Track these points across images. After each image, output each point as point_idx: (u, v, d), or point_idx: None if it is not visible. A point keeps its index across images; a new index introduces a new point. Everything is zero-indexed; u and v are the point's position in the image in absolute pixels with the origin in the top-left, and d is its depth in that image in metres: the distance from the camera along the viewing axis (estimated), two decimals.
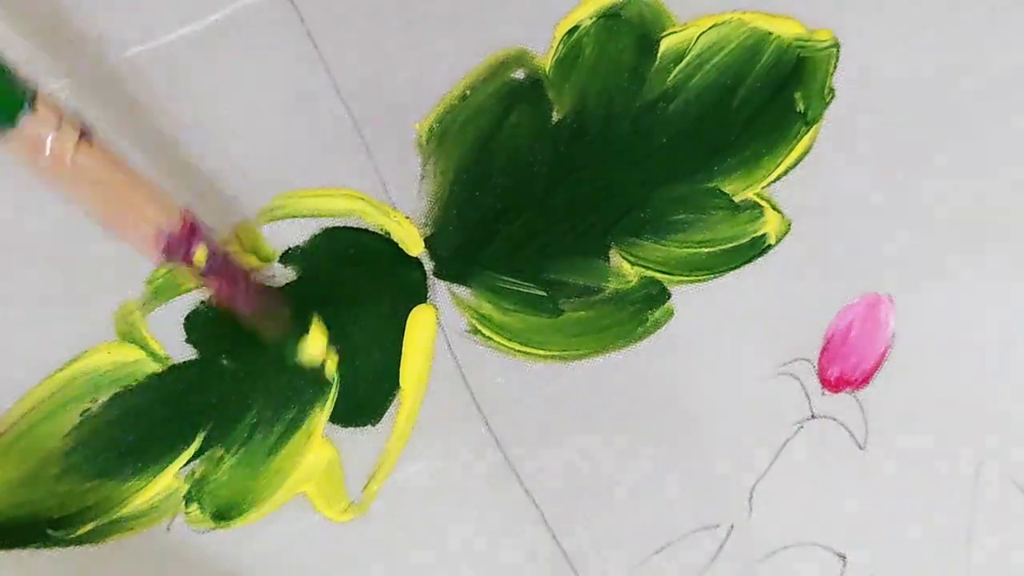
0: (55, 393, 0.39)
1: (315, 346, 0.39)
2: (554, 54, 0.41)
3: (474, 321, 0.41)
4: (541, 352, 0.41)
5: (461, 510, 0.41)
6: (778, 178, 0.42)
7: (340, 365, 0.40)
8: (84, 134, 0.30)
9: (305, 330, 0.38)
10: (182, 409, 0.39)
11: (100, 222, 0.32)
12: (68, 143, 0.30)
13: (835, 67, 0.42)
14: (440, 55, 0.41)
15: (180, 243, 0.33)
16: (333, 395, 0.40)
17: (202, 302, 0.40)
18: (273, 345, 0.38)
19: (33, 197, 0.39)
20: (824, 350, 0.42)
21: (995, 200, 0.43)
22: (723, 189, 0.42)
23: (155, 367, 0.39)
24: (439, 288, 0.41)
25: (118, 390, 0.39)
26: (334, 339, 0.40)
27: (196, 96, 0.40)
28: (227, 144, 0.40)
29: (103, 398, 0.39)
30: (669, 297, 0.41)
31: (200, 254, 0.33)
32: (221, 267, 0.34)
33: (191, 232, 0.33)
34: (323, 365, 0.39)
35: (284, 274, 0.40)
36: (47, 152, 0.30)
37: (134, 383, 0.39)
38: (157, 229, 0.32)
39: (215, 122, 0.40)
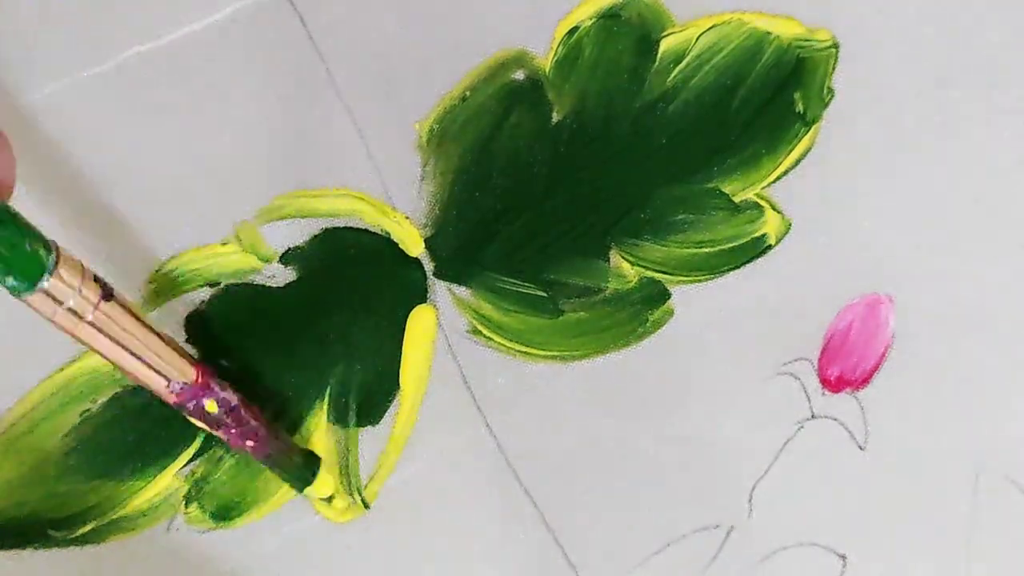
0: (55, 393, 0.39)
1: (324, 488, 0.39)
2: (554, 55, 0.41)
3: (474, 321, 0.41)
4: (541, 352, 0.41)
5: (461, 510, 0.41)
6: (778, 178, 0.42)
7: (340, 365, 0.40)
8: (105, 294, 0.31)
9: (312, 474, 0.39)
10: None
11: (117, 368, 0.33)
12: (88, 304, 0.31)
13: (835, 67, 0.42)
14: (440, 55, 0.41)
15: (191, 396, 0.34)
16: (333, 396, 0.40)
17: (202, 302, 0.40)
18: (299, 488, 0.39)
19: (33, 197, 0.39)
20: (824, 350, 0.42)
21: (995, 200, 0.43)
22: (723, 189, 0.42)
23: None
24: (439, 288, 0.41)
25: (118, 390, 0.39)
26: (334, 339, 0.40)
27: (196, 96, 0.40)
28: (227, 144, 0.40)
29: (103, 398, 0.39)
30: (669, 297, 0.41)
31: (211, 407, 0.35)
32: (232, 420, 0.35)
33: (203, 387, 0.34)
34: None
35: (284, 274, 0.40)
36: (67, 311, 0.31)
37: (134, 383, 0.39)
38: (170, 381, 0.34)
39: (215, 122, 0.40)
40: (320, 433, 0.40)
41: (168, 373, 0.34)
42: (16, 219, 0.29)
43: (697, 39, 0.42)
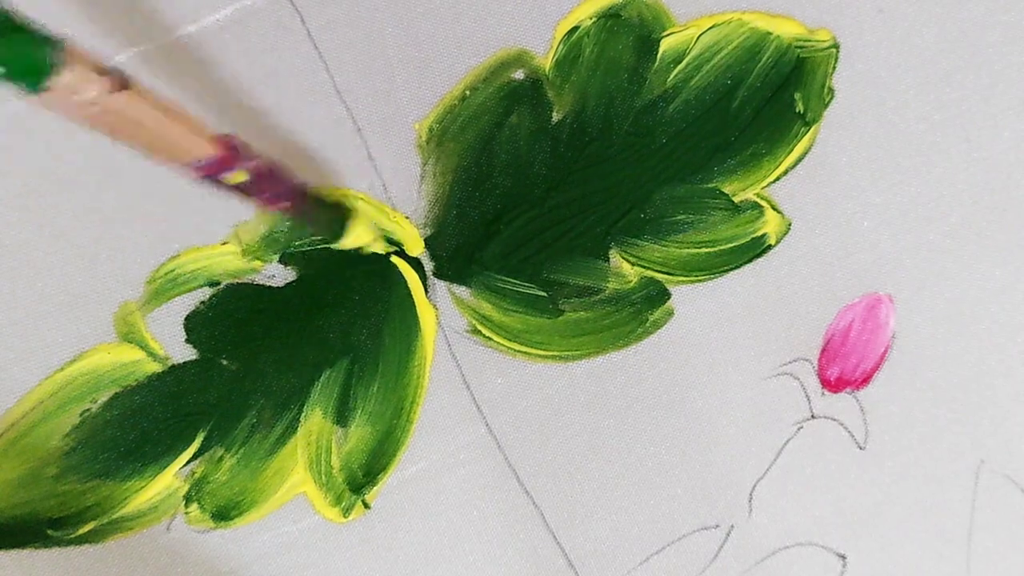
0: (55, 393, 0.39)
1: (362, 237, 0.39)
2: (554, 54, 0.41)
3: (474, 321, 0.41)
4: (541, 352, 0.41)
5: (461, 510, 0.41)
6: (778, 178, 0.42)
7: (340, 365, 0.40)
8: (119, 83, 0.30)
9: (346, 227, 0.39)
10: (182, 409, 0.39)
11: (139, 153, 0.33)
12: (102, 94, 0.30)
13: (835, 67, 0.42)
14: (440, 55, 0.41)
15: (214, 170, 0.33)
16: (333, 396, 0.40)
17: (202, 302, 0.40)
18: (332, 241, 0.39)
19: (33, 198, 0.39)
20: (824, 350, 0.42)
21: (995, 200, 0.43)
22: (723, 189, 0.42)
23: (155, 367, 0.39)
24: (439, 288, 0.41)
25: (118, 390, 0.39)
26: (334, 339, 0.40)
27: (196, 96, 0.40)
28: None
29: (103, 398, 0.39)
30: (669, 297, 0.41)
31: (239, 177, 0.34)
32: (264, 186, 0.35)
33: (229, 158, 0.33)
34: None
35: (284, 274, 0.40)
36: (81, 105, 0.30)
37: (134, 383, 0.39)
38: (194, 159, 0.33)
39: (215, 122, 0.40)
40: (319, 431, 0.40)
41: (192, 151, 0.32)
42: (12, 16, 0.29)
43: (697, 39, 0.42)
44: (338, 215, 0.39)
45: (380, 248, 0.40)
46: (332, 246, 0.39)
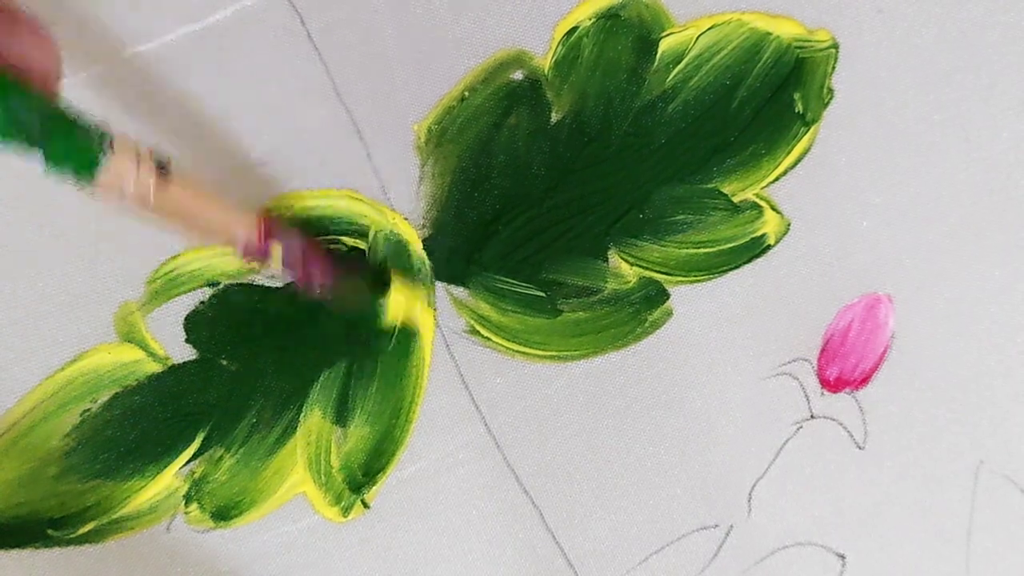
0: (55, 393, 0.39)
1: (397, 306, 0.40)
2: (553, 55, 0.41)
3: (473, 322, 0.41)
4: (540, 352, 0.41)
5: (460, 510, 0.41)
6: (778, 178, 0.42)
7: (340, 365, 0.40)
8: (162, 168, 0.32)
9: (380, 295, 0.40)
10: (182, 409, 0.39)
11: (184, 238, 0.35)
12: (148, 181, 0.32)
13: (834, 67, 0.42)
14: (439, 56, 0.41)
15: (257, 247, 0.36)
16: (332, 396, 0.40)
17: (202, 302, 0.40)
18: (361, 313, 0.40)
19: (34, 198, 0.39)
20: (823, 350, 0.42)
21: (994, 200, 0.42)
22: (722, 189, 0.42)
23: (155, 367, 0.39)
24: (437, 289, 0.41)
25: (118, 390, 0.39)
26: (334, 339, 0.40)
27: (196, 96, 0.40)
28: (227, 144, 0.40)
29: (103, 398, 0.39)
30: (668, 298, 0.41)
31: (275, 251, 0.36)
32: (298, 258, 0.37)
33: (266, 235, 0.36)
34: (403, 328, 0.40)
35: (284, 274, 0.40)
36: (129, 192, 0.31)
37: (134, 383, 0.39)
38: (236, 238, 0.35)
39: (215, 122, 0.40)
40: (319, 431, 0.40)
41: (233, 230, 0.35)
42: (66, 112, 0.30)
43: (697, 39, 0.42)
44: (375, 290, 0.40)
45: (426, 319, 0.40)
46: (375, 320, 0.40)
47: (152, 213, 0.32)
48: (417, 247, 0.40)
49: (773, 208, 0.42)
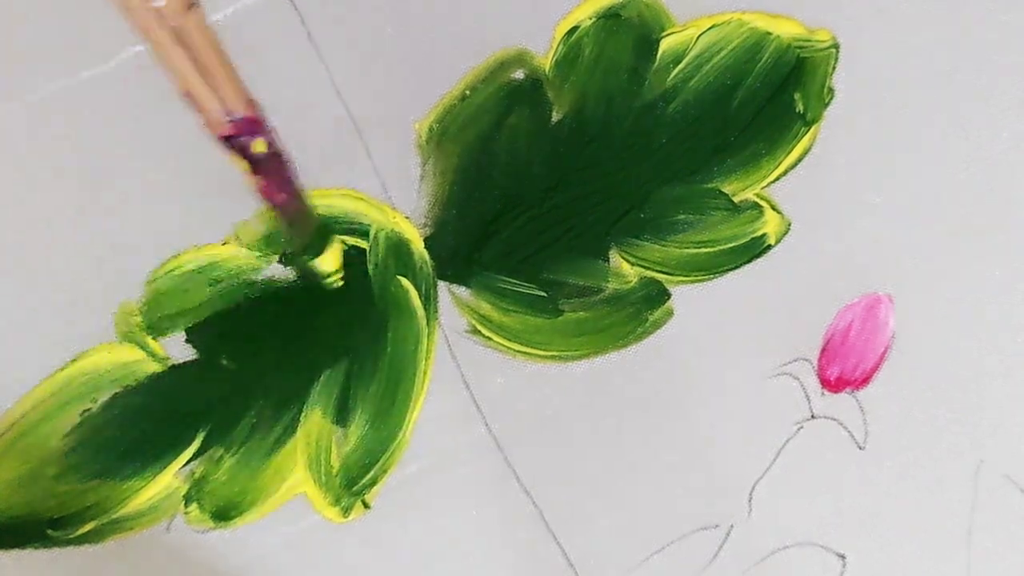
0: (55, 393, 0.39)
1: (331, 261, 0.39)
2: (554, 54, 0.41)
3: (474, 321, 0.41)
4: (541, 352, 0.41)
5: (461, 510, 0.41)
6: (778, 178, 0.42)
7: (340, 364, 0.40)
8: (192, 3, 0.31)
9: (324, 246, 0.39)
10: (182, 409, 0.39)
11: (179, 88, 0.33)
12: (177, 6, 0.30)
13: (834, 67, 0.42)
14: (440, 55, 0.41)
15: (245, 129, 0.34)
16: (333, 395, 0.40)
17: (202, 302, 0.40)
18: (306, 254, 0.39)
19: (34, 197, 0.39)
20: (824, 350, 0.42)
21: (994, 200, 0.43)
22: (723, 189, 0.42)
23: (155, 367, 0.39)
24: (440, 288, 0.41)
25: (118, 390, 0.39)
26: (334, 339, 0.40)
27: None
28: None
29: (103, 398, 0.39)
30: (669, 297, 0.41)
31: (259, 146, 0.34)
32: (272, 166, 0.35)
33: (257, 122, 0.34)
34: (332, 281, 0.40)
35: (284, 274, 0.40)
36: (160, 6, 0.30)
37: (134, 383, 0.39)
38: (227, 109, 0.33)
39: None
40: (319, 431, 0.40)
41: (229, 101, 0.33)
42: None
43: (697, 39, 0.42)
44: (322, 233, 0.39)
45: (336, 278, 0.40)
46: (303, 260, 0.39)
47: (167, 40, 0.31)
48: (418, 246, 0.40)
49: (773, 208, 0.42)
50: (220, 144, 0.34)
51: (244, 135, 0.34)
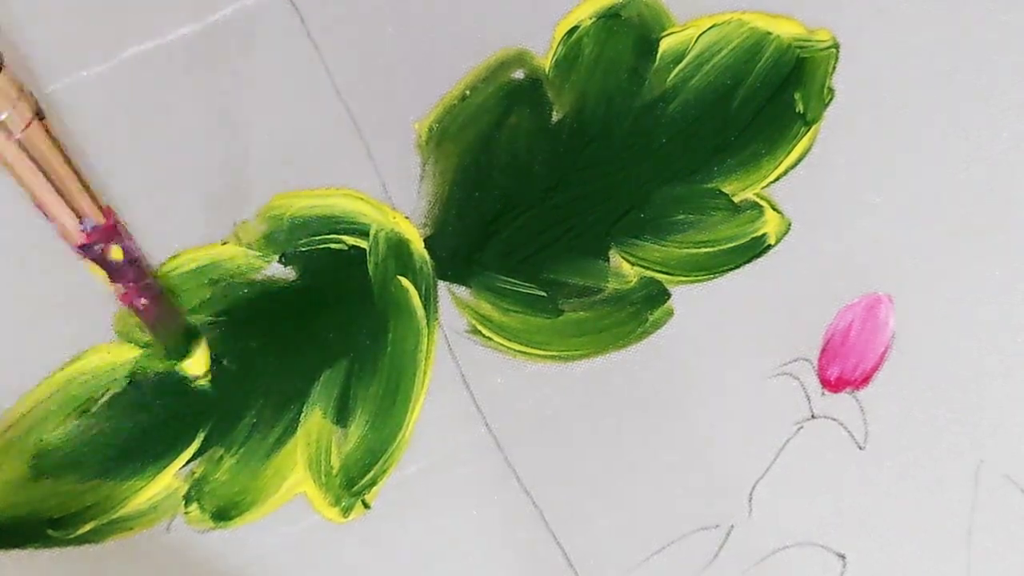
0: (55, 393, 0.39)
1: (198, 365, 0.39)
2: (554, 54, 0.41)
3: (474, 321, 0.41)
4: (541, 352, 0.41)
5: (461, 510, 0.41)
6: (778, 178, 0.42)
7: (340, 364, 0.40)
8: (38, 114, 0.30)
9: (190, 349, 0.39)
10: (182, 409, 0.39)
11: (32, 201, 0.32)
12: (22, 119, 0.29)
13: (834, 67, 0.42)
14: (440, 55, 0.41)
15: (100, 237, 0.33)
16: (332, 395, 0.40)
17: (202, 302, 0.40)
18: (173, 357, 0.39)
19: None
20: (824, 350, 0.42)
21: (994, 200, 0.43)
22: (723, 189, 0.42)
23: (155, 367, 0.39)
24: (439, 288, 0.41)
25: (118, 390, 0.39)
26: (334, 339, 0.40)
27: (196, 96, 0.40)
28: (227, 144, 0.40)
29: (103, 398, 0.39)
30: (669, 297, 0.41)
31: (116, 253, 0.34)
32: (131, 273, 0.35)
33: (112, 229, 0.33)
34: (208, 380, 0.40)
35: (284, 274, 0.40)
36: (3, 119, 0.29)
37: (134, 383, 0.39)
38: (83, 218, 0.32)
39: (215, 122, 0.40)
40: (319, 431, 0.40)
41: (81, 210, 0.32)
42: None
43: (697, 39, 0.42)
44: (188, 335, 0.39)
45: (205, 379, 0.40)
46: (172, 363, 0.39)
47: (11, 156, 0.30)
48: (418, 246, 0.40)
49: (773, 208, 0.42)
50: (76, 253, 0.33)
51: (99, 243, 0.33)
